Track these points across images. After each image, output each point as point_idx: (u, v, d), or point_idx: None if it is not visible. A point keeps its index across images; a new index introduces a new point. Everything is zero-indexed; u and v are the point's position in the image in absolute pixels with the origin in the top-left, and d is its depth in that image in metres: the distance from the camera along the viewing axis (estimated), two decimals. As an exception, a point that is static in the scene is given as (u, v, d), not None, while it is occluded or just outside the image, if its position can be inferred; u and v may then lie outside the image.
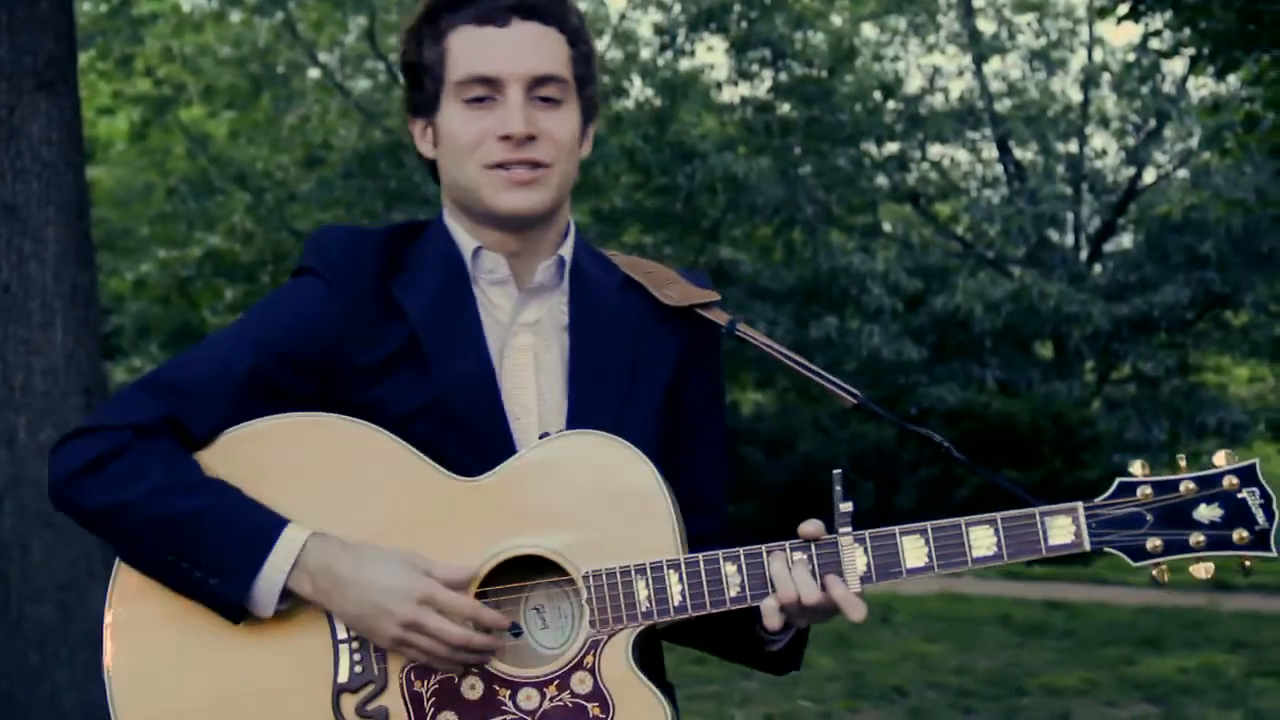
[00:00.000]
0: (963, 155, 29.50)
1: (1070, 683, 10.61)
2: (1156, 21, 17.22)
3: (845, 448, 24.84)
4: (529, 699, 2.38)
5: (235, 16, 25.65)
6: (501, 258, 2.58)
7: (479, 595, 2.43)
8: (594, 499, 2.41)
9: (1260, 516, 2.36)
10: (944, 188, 29.25)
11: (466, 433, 2.49)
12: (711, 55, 42.48)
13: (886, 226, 29.23)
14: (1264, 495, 2.37)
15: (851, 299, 24.69)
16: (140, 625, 2.48)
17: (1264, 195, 21.38)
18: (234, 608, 2.42)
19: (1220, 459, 2.39)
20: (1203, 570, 2.38)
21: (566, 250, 2.62)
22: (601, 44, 26.84)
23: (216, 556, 2.40)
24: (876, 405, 2.67)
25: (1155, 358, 25.38)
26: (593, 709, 2.36)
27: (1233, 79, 19.28)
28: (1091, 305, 24.33)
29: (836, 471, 2.42)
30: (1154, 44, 18.98)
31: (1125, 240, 29.04)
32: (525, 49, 2.50)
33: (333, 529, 2.43)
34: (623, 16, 26.59)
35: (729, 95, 26.52)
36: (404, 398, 2.50)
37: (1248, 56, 16.93)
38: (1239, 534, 2.36)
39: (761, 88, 25.86)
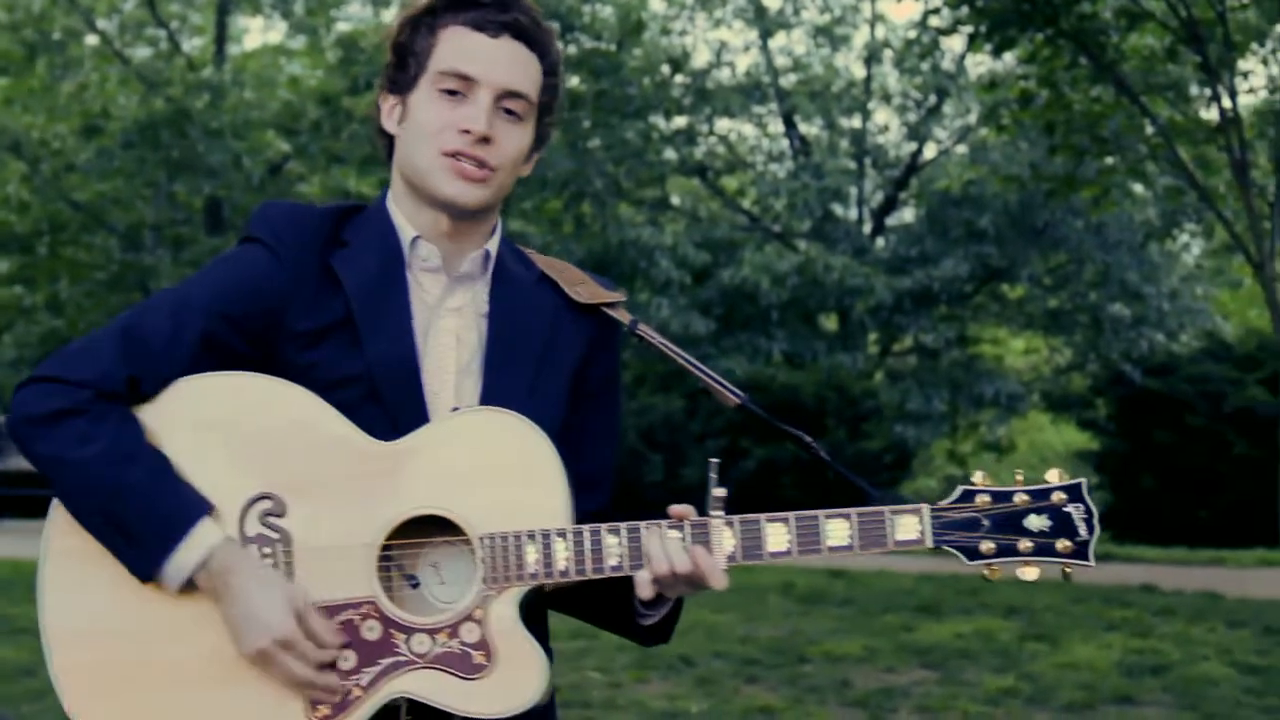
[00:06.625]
0: (749, 130, 29.88)
1: (851, 650, 10.81)
2: (936, 0, 17.57)
3: (634, 420, 25.00)
4: (421, 643, 2.60)
5: (8, -20, 24.92)
6: (435, 248, 2.79)
7: (384, 549, 2.62)
8: (495, 468, 2.63)
9: (1082, 529, 2.62)
10: (731, 162, 29.59)
11: (387, 404, 2.70)
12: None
13: (675, 200, 29.48)
14: (1087, 511, 2.63)
15: (640, 272, 24.85)
16: (73, 554, 2.65)
17: (1038, 171, 21.96)
18: (144, 577, 2.61)
19: (1052, 476, 2.65)
20: (1029, 573, 2.63)
21: (492, 245, 2.84)
22: (388, 14, 26.55)
23: (135, 532, 2.59)
24: (758, 407, 2.88)
25: (935, 330, 25.97)
26: (478, 656, 2.59)
27: (1009, 57, 19.79)
28: (874, 278, 24.80)
29: (714, 460, 2.66)
30: (934, 21, 19.39)
31: (907, 214, 29.67)
32: (506, 62, 2.73)
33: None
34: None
35: (518, 67, 26.48)
36: (335, 365, 2.70)
37: (1022, 35, 17.40)
38: (1063, 544, 2.62)
39: (550, 60, 25.85)
